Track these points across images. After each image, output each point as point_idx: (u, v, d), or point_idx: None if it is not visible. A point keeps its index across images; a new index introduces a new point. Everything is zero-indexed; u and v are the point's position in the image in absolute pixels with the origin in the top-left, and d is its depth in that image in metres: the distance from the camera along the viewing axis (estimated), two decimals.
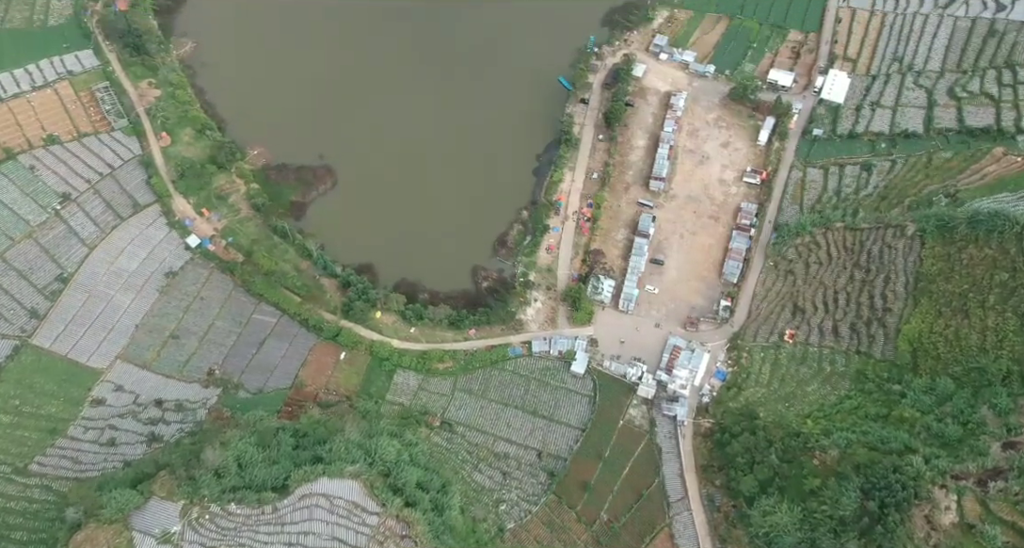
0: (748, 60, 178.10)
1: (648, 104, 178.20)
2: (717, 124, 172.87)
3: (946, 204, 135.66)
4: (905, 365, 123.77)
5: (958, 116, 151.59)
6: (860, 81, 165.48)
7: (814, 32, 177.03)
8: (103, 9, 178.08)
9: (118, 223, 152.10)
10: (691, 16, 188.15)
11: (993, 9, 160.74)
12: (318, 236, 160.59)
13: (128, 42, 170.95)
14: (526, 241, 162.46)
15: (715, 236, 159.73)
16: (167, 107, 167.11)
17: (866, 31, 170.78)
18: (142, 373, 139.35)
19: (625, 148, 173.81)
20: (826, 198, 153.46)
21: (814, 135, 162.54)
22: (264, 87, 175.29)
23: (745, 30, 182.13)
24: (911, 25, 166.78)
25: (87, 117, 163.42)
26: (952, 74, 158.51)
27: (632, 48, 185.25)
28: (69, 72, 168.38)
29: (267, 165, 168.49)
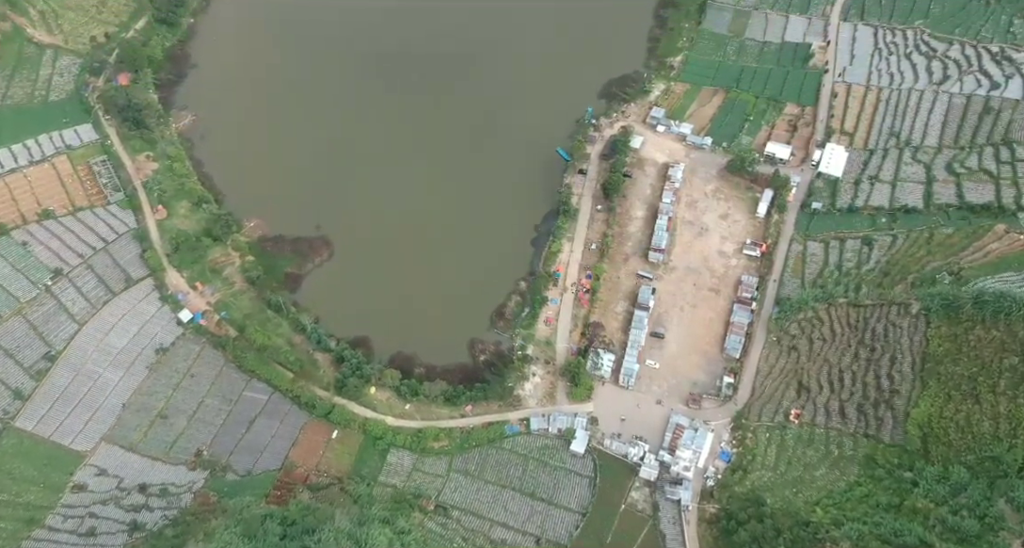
0: (745, 133, 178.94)
1: (646, 175, 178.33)
2: (715, 196, 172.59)
3: (950, 282, 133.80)
4: (916, 451, 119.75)
5: (958, 192, 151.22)
6: (858, 155, 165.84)
7: (810, 106, 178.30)
8: (104, 84, 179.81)
9: (110, 298, 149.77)
10: (688, 89, 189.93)
11: (987, 87, 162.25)
12: (313, 309, 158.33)
13: (128, 116, 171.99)
14: (524, 313, 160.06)
15: (716, 309, 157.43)
16: (164, 180, 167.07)
17: (862, 106, 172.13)
18: (127, 455, 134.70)
19: (624, 219, 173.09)
20: (827, 272, 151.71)
21: (813, 208, 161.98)
22: (262, 159, 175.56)
23: (741, 103, 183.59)
24: (907, 101, 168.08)
25: (83, 191, 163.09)
26: (950, 150, 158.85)
27: (629, 120, 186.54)
28: (68, 146, 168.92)
29: (263, 237, 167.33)
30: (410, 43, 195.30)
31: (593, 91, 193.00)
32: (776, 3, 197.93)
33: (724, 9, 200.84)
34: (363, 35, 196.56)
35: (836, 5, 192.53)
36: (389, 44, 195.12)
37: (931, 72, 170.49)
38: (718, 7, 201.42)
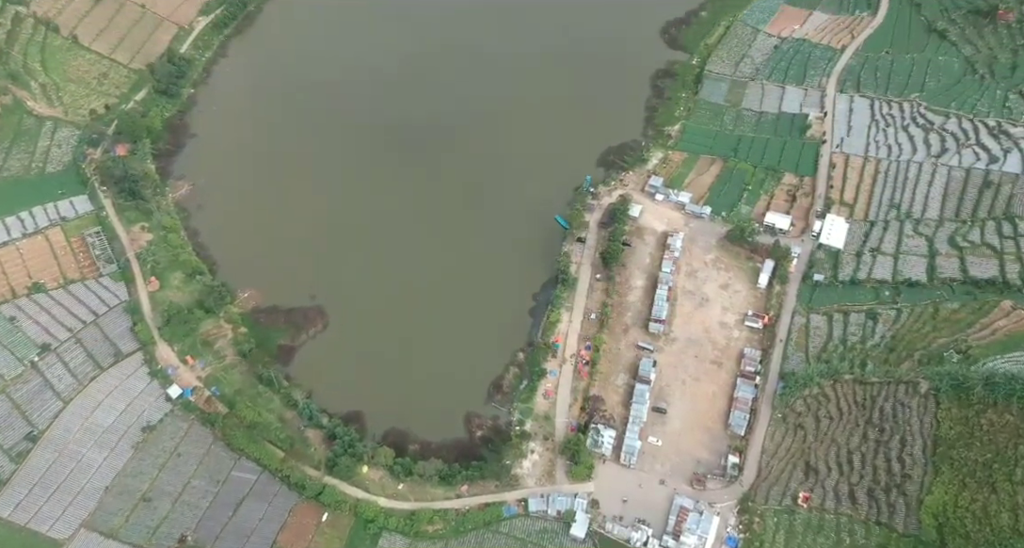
0: (744, 202, 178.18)
1: (645, 244, 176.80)
2: (716, 265, 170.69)
3: (958, 361, 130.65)
4: (932, 542, 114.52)
5: (961, 266, 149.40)
6: (858, 227, 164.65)
7: (809, 176, 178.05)
8: (102, 155, 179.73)
9: (97, 373, 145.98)
10: (685, 158, 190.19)
11: (986, 160, 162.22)
12: (306, 382, 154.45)
13: (124, 187, 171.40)
14: (522, 385, 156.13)
15: (719, 383, 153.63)
16: (158, 251, 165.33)
17: (861, 177, 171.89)
18: (107, 543, 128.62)
19: (623, 288, 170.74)
20: (832, 347, 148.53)
21: (815, 280, 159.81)
22: (259, 228, 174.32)
23: (740, 172, 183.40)
24: (906, 173, 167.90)
25: (76, 263, 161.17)
26: (951, 223, 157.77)
27: (628, 188, 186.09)
28: (62, 218, 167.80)
29: (257, 308, 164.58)
30: (408, 111, 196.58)
31: (591, 159, 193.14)
32: (772, 74, 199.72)
33: (721, 80, 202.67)
34: (361, 105, 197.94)
35: (832, 77, 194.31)
36: (388, 113, 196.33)
37: (929, 145, 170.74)
38: (715, 78, 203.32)
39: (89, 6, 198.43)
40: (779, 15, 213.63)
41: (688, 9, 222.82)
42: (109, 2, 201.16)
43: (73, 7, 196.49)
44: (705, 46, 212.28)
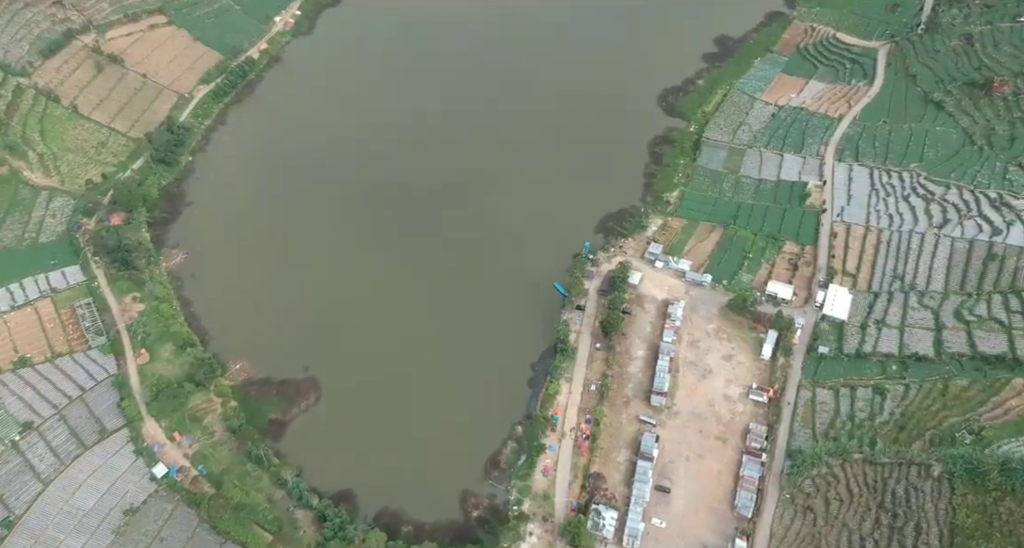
0: (745, 270, 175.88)
1: (646, 312, 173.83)
2: (718, 335, 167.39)
3: (971, 442, 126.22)
4: None
5: (969, 341, 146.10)
6: (862, 298, 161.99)
7: (810, 245, 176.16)
8: (96, 225, 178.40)
9: (80, 453, 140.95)
10: (685, 224, 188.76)
11: (989, 232, 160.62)
12: (296, 459, 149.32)
13: (117, 257, 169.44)
14: (520, 461, 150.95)
15: (724, 460, 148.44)
16: (149, 322, 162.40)
17: (863, 247, 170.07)
18: None
19: (624, 358, 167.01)
20: (839, 423, 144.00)
21: (820, 353, 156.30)
22: (253, 297, 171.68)
23: (740, 240, 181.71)
24: (908, 243, 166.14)
25: (64, 336, 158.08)
26: (957, 296, 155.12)
27: (627, 255, 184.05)
28: (53, 289, 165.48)
29: (248, 380, 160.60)
30: (405, 178, 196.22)
31: (591, 225, 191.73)
32: (770, 142, 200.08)
33: (719, 147, 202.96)
34: (358, 172, 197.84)
35: (830, 145, 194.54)
36: (384, 180, 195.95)
37: (930, 215, 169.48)
38: (712, 144, 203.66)
39: (91, 76, 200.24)
40: (776, 84, 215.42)
41: (685, 77, 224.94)
42: (111, 72, 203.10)
43: (75, 78, 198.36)
44: (703, 114, 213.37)
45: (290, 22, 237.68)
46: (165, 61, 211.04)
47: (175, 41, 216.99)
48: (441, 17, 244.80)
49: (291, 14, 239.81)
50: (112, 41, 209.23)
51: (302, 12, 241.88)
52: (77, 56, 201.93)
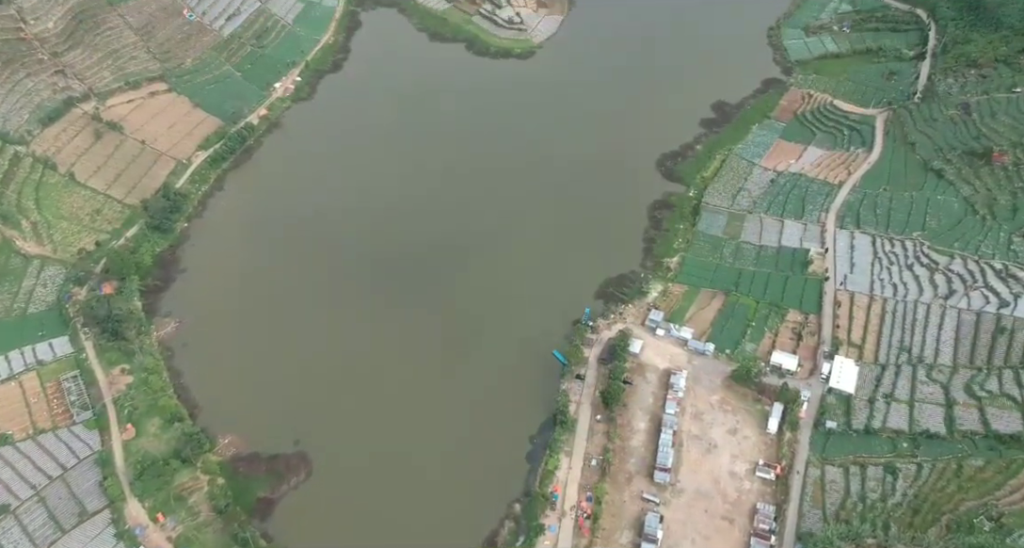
0: (748, 339, 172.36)
1: (647, 382, 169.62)
2: (722, 407, 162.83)
3: (991, 529, 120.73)
4: None
5: (982, 418, 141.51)
6: (869, 370, 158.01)
7: (814, 314, 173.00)
8: (87, 294, 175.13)
9: (58, 537, 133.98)
10: (686, 291, 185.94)
11: (996, 304, 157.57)
12: (284, 541, 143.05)
13: (107, 327, 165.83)
14: (519, 543, 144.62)
15: (731, 542, 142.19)
16: (137, 396, 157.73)
17: (868, 316, 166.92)
18: None
19: (625, 431, 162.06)
20: (850, 504, 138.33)
21: (828, 428, 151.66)
22: (244, 368, 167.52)
23: (742, 308, 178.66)
24: (914, 314, 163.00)
25: (48, 411, 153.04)
26: (966, 370, 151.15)
27: (628, 322, 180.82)
28: (39, 362, 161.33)
29: (237, 455, 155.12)
30: (402, 244, 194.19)
31: (590, 291, 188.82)
32: (770, 208, 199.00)
33: (718, 212, 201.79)
34: (354, 238, 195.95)
35: (831, 212, 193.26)
36: (381, 246, 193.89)
37: (935, 285, 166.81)
38: (712, 209, 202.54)
39: (89, 143, 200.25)
40: (774, 149, 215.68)
41: (683, 142, 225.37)
42: (109, 139, 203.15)
43: (73, 145, 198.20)
44: (701, 179, 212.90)
45: (290, 88, 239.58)
46: (164, 127, 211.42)
47: (175, 107, 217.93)
48: (441, 83, 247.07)
49: (292, 80, 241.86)
50: (112, 108, 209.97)
51: (303, 78, 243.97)
52: (76, 124, 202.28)
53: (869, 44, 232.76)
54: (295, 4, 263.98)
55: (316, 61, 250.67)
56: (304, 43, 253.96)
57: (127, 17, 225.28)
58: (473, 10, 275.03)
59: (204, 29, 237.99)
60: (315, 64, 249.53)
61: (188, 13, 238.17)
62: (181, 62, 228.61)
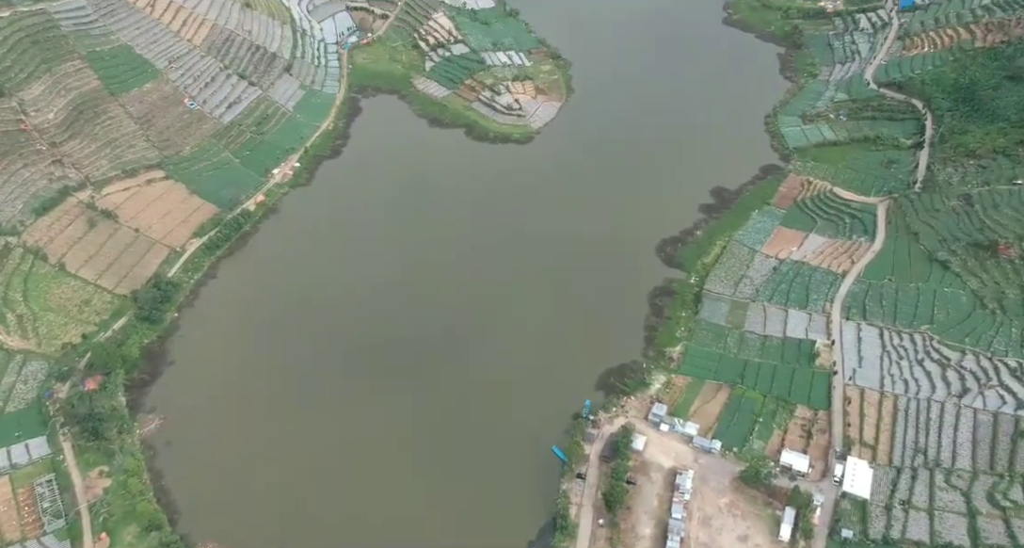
0: (756, 436, 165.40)
1: (652, 482, 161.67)
2: (731, 511, 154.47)
3: None
4: None
5: (1007, 531, 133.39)
6: (884, 473, 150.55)
7: (823, 410, 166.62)
8: (70, 390, 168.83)
9: None
10: (690, 382, 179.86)
11: (1013, 405, 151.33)
12: None
13: (87, 427, 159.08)
14: None
15: None
16: (114, 500, 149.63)
17: (879, 414, 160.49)
18: None
19: (629, 537, 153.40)
20: None
21: (843, 537, 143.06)
22: (229, 467, 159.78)
23: (749, 402, 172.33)
24: (927, 413, 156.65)
25: (18, 520, 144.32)
26: (987, 476, 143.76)
27: (630, 416, 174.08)
28: (13, 465, 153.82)
29: None
30: (396, 333, 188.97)
31: (590, 382, 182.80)
32: (773, 296, 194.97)
33: (720, 300, 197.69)
34: (348, 328, 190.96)
35: (835, 303, 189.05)
36: (375, 336, 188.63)
37: (948, 382, 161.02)
38: (714, 297, 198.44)
39: (83, 232, 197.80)
40: (775, 236, 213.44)
41: (683, 228, 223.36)
42: (103, 227, 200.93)
43: (66, 234, 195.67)
44: (703, 265, 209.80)
45: (288, 174, 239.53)
46: (159, 215, 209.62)
47: (171, 195, 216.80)
48: (440, 168, 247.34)
49: (290, 166, 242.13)
50: (108, 197, 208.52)
51: (301, 164, 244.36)
52: (71, 213, 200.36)
53: (866, 132, 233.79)
54: (296, 91, 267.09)
55: (315, 147, 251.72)
56: (304, 129, 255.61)
57: (128, 106, 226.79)
58: (473, 97, 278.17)
59: (204, 117, 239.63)
60: (314, 150, 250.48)
61: (189, 102, 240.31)
62: (180, 150, 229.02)
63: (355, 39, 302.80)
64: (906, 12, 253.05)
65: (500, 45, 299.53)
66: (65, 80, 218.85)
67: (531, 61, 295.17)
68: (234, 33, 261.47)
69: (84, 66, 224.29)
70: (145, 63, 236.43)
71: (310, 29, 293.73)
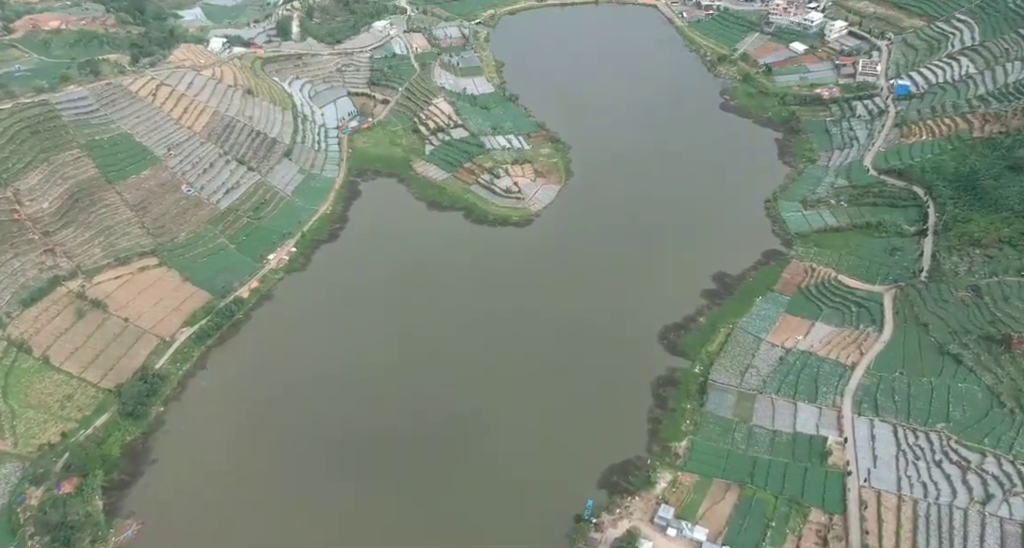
0: (769, 542, 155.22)
1: None
2: None
3: None
4: None
5: None
6: None
7: (839, 514, 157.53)
8: (44, 494, 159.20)
9: None
10: (697, 481, 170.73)
11: None
12: None
13: (58, 536, 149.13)
14: None
15: None
16: None
17: (899, 521, 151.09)
18: None
19: None
20: None
21: None
22: None
23: (760, 504, 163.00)
24: (950, 521, 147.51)
25: None
26: None
27: (635, 518, 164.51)
28: None
29: None
30: (390, 427, 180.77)
31: (592, 480, 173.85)
32: (781, 388, 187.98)
33: (726, 391, 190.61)
34: (341, 419, 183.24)
35: (846, 396, 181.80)
36: (367, 429, 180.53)
37: (969, 487, 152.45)
38: (720, 388, 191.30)
39: (70, 323, 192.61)
40: (780, 324, 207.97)
41: (685, 314, 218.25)
42: (92, 318, 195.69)
43: (53, 325, 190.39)
44: (707, 353, 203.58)
45: (284, 259, 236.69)
46: (150, 304, 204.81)
47: (164, 282, 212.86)
48: (438, 251, 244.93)
49: (286, 251, 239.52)
50: (99, 285, 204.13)
51: (298, 249, 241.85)
52: (59, 303, 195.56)
53: (868, 219, 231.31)
54: (295, 176, 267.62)
55: (313, 231, 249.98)
56: (302, 213, 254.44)
57: (124, 194, 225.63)
58: (472, 180, 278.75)
59: (201, 203, 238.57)
60: (311, 234, 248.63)
61: (186, 188, 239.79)
62: (175, 236, 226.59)
63: (356, 124, 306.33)
64: (902, 100, 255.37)
65: (499, 129, 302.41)
66: (62, 169, 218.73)
67: (530, 144, 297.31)
68: (235, 119, 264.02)
69: (82, 155, 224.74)
70: (144, 150, 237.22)
71: (311, 114, 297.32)
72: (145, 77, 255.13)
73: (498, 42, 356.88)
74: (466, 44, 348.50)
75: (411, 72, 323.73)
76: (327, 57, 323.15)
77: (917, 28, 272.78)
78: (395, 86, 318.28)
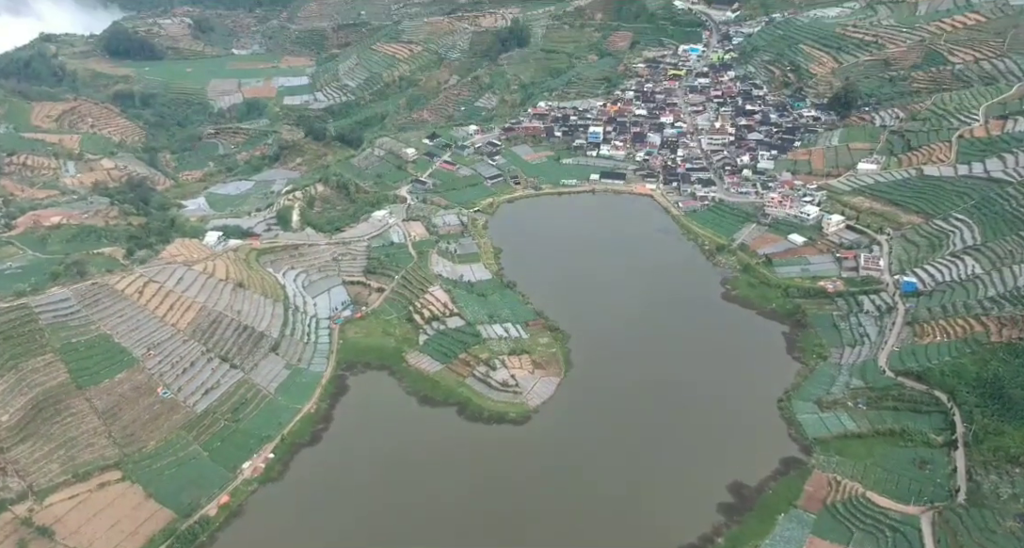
0: None
1: None
2: None
3: None
4: None
5: None
6: None
7: None
8: None
9: None
10: None
11: None
12: None
13: None
14: None
15: None
16: None
17: None
18: None
19: None
20: None
21: None
22: None
23: None
24: None
25: None
26: None
27: None
28: None
29: None
30: None
31: None
32: None
33: None
34: None
35: None
36: None
37: None
38: None
39: None
40: None
41: (700, 532, 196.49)
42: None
43: None
44: None
45: (260, 467, 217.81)
46: (104, 528, 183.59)
47: (123, 500, 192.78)
48: (428, 453, 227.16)
49: (263, 458, 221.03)
50: (49, 508, 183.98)
51: (276, 455, 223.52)
52: (3, 531, 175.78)
53: (890, 425, 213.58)
54: (280, 372, 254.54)
55: (293, 433, 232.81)
56: (283, 414, 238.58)
57: (94, 400, 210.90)
58: (467, 372, 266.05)
59: (177, 406, 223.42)
60: (292, 437, 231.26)
61: (163, 390, 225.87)
62: (143, 445, 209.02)
63: (349, 313, 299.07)
64: (909, 297, 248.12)
65: (496, 317, 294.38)
66: (31, 376, 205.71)
67: (528, 333, 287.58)
68: (222, 314, 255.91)
69: (55, 360, 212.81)
70: (122, 352, 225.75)
71: (303, 305, 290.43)
72: (133, 275, 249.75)
73: (496, 229, 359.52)
74: (464, 231, 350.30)
75: (408, 260, 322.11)
76: (324, 247, 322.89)
77: (915, 225, 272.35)
78: (391, 274, 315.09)
